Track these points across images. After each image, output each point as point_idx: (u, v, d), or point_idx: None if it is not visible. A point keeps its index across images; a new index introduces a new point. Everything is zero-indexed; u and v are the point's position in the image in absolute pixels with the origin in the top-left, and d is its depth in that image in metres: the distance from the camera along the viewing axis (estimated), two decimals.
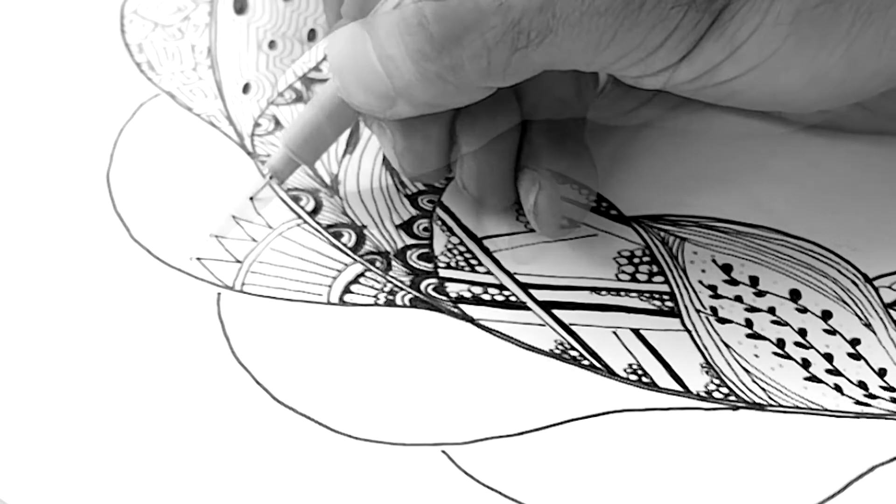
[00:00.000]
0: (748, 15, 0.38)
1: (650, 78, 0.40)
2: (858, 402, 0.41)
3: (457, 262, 0.45)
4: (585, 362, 0.42)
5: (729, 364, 0.42)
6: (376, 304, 0.44)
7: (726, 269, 0.44)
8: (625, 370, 0.42)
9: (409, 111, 0.41)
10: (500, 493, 0.39)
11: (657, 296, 0.44)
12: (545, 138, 0.43)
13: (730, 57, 0.39)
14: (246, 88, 0.49)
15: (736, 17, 0.39)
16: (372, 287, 0.44)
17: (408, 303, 0.44)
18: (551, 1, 0.38)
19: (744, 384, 0.42)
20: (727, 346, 0.43)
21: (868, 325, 0.43)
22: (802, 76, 0.40)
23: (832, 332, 0.43)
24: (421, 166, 0.44)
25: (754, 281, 0.44)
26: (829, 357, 0.42)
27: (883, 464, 0.40)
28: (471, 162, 0.43)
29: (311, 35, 0.51)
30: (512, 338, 0.43)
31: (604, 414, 0.41)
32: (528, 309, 0.43)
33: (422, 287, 0.44)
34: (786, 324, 0.43)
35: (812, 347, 0.43)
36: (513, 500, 0.39)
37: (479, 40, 0.39)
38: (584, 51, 0.39)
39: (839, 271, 0.44)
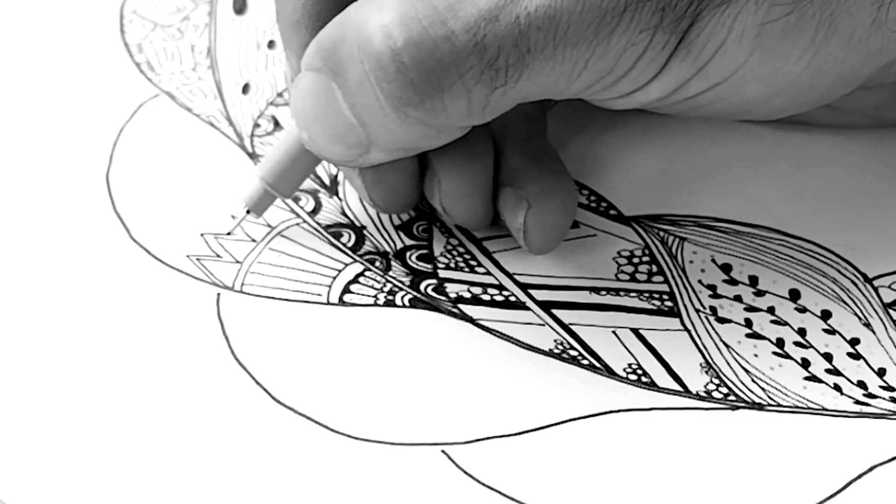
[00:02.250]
0: (713, 31, 0.39)
1: (619, 100, 0.40)
2: (858, 402, 0.41)
3: (456, 262, 0.45)
4: (585, 362, 0.42)
5: (728, 364, 0.42)
6: (376, 305, 0.44)
7: (726, 268, 0.44)
8: (624, 370, 0.42)
9: (382, 157, 0.41)
10: (499, 492, 0.39)
11: (657, 295, 0.44)
12: (521, 157, 0.43)
13: (698, 73, 0.39)
14: (245, 89, 0.49)
15: (702, 35, 0.39)
16: (371, 287, 0.44)
17: (407, 303, 0.44)
18: (525, 36, 0.38)
19: (743, 384, 0.42)
20: (727, 345, 0.43)
21: (867, 325, 0.43)
22: (769, 87, 0.40)
23: (832, 331, 0.43)
24: (393, 199, 0.43)
25: (754, 280, 0.44)
26: (828, 357, 0.42)
27: (882, 463, 0.40)
28: (449, 185, 0.43)
29: None
30: (511, 338, 0.43)
31: (603, 414, 0.41)
32: (528, 309, 0.43)
33: (421, 287, 0.44)
34: (785, 323, 0.43)
35: (811, 347, 0.43)
36: (512, 499, 0.39)
37: (459, 82, 0.38)
38: (558, 82, 0.39)
39: (839, 271, 0.44)
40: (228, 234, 0.45)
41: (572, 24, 0.38)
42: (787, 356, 0.42)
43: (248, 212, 0.44)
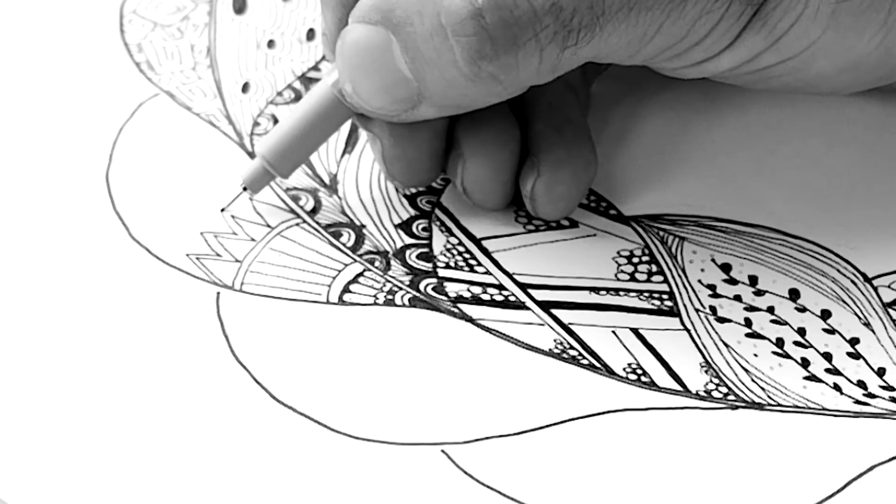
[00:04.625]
0: (790, 6, 0.39)
1: (690, 68, 0.41)
2: (858, 402, 0.41)
3: (456, 262, 0.45)
4: (585, 362, 0.42)
5: (728, 363, 0.42)
6: (375, 304, 0.44)
7: (725, 268, 0.44)
8: (624, 370, 0.42)
9: (432, 113, 0.42)
10: (499, 492, 0.39)
11: (656, 295, 0.44)
12: (544, 124, 0.44)
13: (771, 47, 0.40)
14: (245, 88, 0.49)
15: (778, 9, 0.39)
16: (371, 287, 0.44)
17: (407, 302, 0.44)
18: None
19: (743, 383, 0.42)
20: (726, 345, 0.43)
21: (867, 325, 0.43)
22: (839, 63, 0.41)
23: (831, 331, 0.43)
24: (411, 174, 0.44)
25: (753, 280, 0.44)
26: (828, 356, 0.42)
27: (882, 463, 0.40)
28: (474, 168, 0.43)
29: (310, 34, 0.51)
30: (511, 337, 0.43)
31: (603, 413, 0.41)
32: (528, 309, 0.43)
33: (421, 287, 0.44)
34: (785, 323, 0.43)
35: (811, 347, 0.43)
36: (512, 499, 0.39)
37: (533, 40, 0.39)
38: (629, 45, 0.40)
39: (838, 270, 0.44)
40: (223, 210, 0.45)
41: None
42: (787, 356, 0.42)
43: (244, 189, 0.44)
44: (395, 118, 0.42)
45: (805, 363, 0.42)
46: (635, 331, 0.43)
